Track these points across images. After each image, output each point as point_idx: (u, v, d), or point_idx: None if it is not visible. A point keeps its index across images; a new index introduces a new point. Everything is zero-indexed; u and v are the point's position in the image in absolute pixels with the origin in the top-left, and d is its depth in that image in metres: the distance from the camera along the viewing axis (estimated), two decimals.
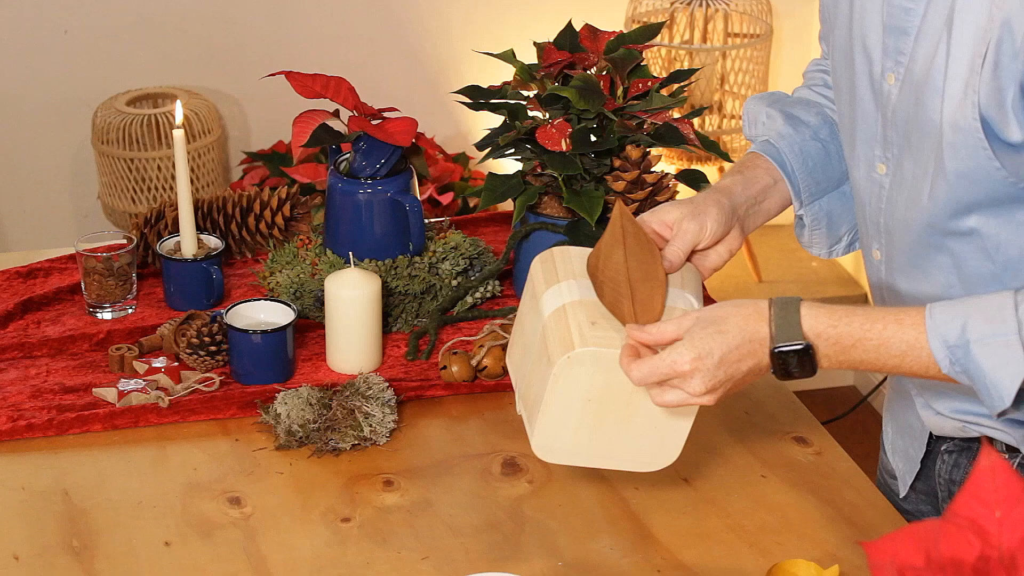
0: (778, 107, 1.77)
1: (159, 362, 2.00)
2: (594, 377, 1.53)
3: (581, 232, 2.06)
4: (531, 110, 2.11)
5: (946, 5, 1.48)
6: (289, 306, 1.98)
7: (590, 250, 1.61)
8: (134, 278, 2.12)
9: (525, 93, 2.12)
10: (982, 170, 1.50)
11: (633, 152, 2.05)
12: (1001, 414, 1.45)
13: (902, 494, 1.79)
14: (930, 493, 1.78)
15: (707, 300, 2.15)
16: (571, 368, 1.52)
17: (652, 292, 1.57)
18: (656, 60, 3.61)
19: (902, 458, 1.79)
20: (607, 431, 1.57)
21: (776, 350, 1.47)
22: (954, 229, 1.56)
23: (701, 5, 3.61)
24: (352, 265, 1.99)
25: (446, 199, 3.45)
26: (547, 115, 2.08)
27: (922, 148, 1.54)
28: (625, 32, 2.13)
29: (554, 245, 1.69)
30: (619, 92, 2.08)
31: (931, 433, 1.74)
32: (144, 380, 1.96)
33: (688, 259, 1.64)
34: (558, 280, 1.60)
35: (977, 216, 1.53)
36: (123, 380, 1.96)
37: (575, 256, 1.63)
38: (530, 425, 1.59)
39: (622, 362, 1.51)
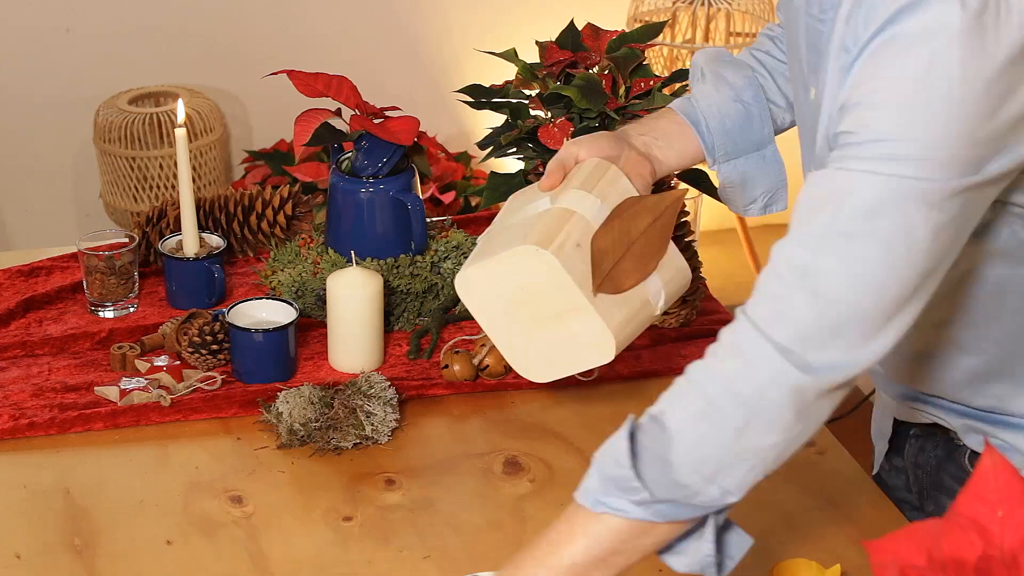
0: (711, 66, 1.81)
1: (161, 361, 2.00)
2: (540, 280, 1.58)
3: None
4: (533, 109, 2.11)
5: (832, 29, 1.49)
6: (291, 305, 1.98)
7: (633, 191, 1.67)
8: (136, 277, 2.12)
9: (527, 92, 2.12)
10: None
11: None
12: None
13: (874, 471, 1.82)
14: (904, 470, 1.81)
15: (706, 303, 2.15)
16: (532, 259, 1.58)
17: (634, 270, 1.61)
18: (658, 59, 3.61)
19: (880, 438, 1.82)
20: (538, 336, 1.62)
21: None
22: None
23: (703, 4, 3.61)
24: (354, 264, 1.99)
25: (448, 198, 3.45)
26: (549, 114, 2.08)
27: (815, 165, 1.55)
28: (627, 31, 2.13)
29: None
30: (621, 91, 2.08)
31: (895, 417, 1.77)
32: (146, 379, 1.96)
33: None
34: (592, 189, 1.65)
35: None
36: (125, 379, 1.97)
37: (620, 186, 1.67)
38: (471, 261, 1.64)
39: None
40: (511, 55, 2.14)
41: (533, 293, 1.60)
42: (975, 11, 1.30)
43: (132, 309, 2.12)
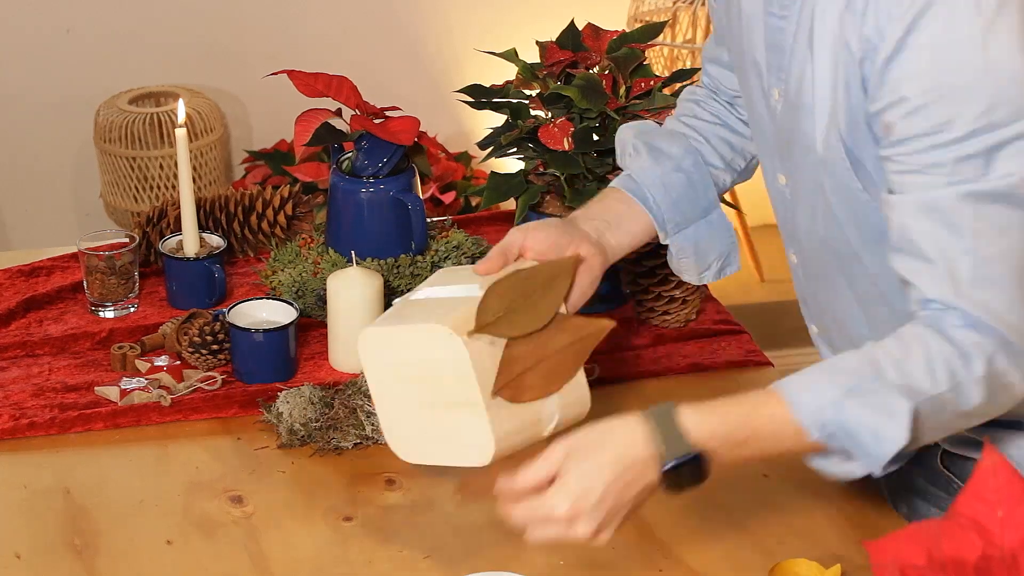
0: (643, 139, 1.79)
1: (161, 361, 2.00)
2: (444, 364, 1.54)
3: None
4: (533, 109, 2.11)
5: (806, 25, 1.50)
6: (291, 305, 1.98)
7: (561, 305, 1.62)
8: (136, 277, 2.12)
9: (527, 92, 2.12)
10: (850, 191, 1.52)
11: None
12: (887, 464, 1.43)
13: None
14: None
15: (706, 303, 2.15)
16: (442, 341, 1.54)
17: (538, 385, 1.57)
18: (658, 59, 3.61)
19: None
20: (426, 420, 1.59)
21: (667, 468, 1.42)
22: (843, 250, 1.58)
23: (703, 4, 3.61)
24: (354, 264, 1.99)
25: (448, 198, 3.45)
26: (549, 114, 2.08)
27: (806, 162, 1.56)
28: (627, 31, 2.14)
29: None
30: (621, 91, 2.08)
31: None
32: (146, 379, 1.96)
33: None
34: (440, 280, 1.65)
35: (857, 240, 1.55)
36: (125, 379, 1.96)
37: (554, 295, 1.63)
38: (380, 321, 1.62)
39: (502, 508, 1.44)
40: (511, 55, 2.14)
41: (432, 374, 1.56)
42: None
43: (132, 309, 2.12)
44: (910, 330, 1.43)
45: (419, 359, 1.57)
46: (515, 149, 2.10)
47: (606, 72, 2.09)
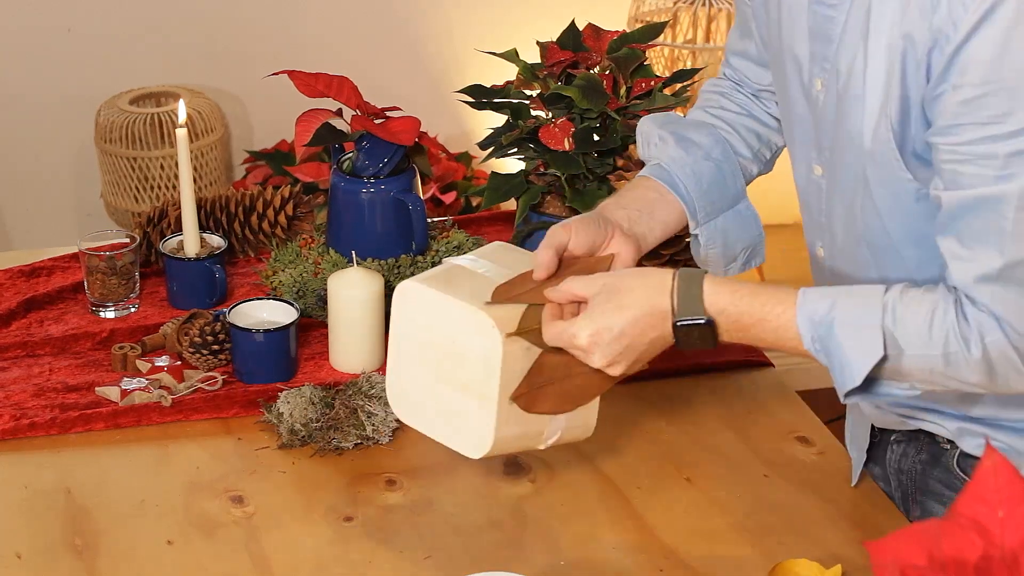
0: (670, 129, 1.78)
1: (162, 361, 2.00)
2: (475, 351, 1.54)
3: None
4: (534, 109, 2.12)
5: (862, 14, 1.50)
6: (292, 305, 1.98)
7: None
8: (137, 277, 2.12)
9: (528, 92, 2.12)
10: (898, 183, 1.52)
11: (636, 152, 2.05)
12: (848, 395, 1.49)
13: (853, 482, 1.80)
14: (885, 479, 1.81)
15: None
16: (482, 330, 1.53)
17: (553, 402, 1.58)
18: (659, 59, 3.61)
19: (855, 447, 1.81)
20: (433, 390, 1.58)
21: (678, 324, 1.51)
22: (880, 242, 1.58)
23: (704, 4, 3.61)
24: (355, 264, 1.99)
25: (449, 198, 3.45)
26: (550, 114, 2.08)
27: (849, 152, 1.56)
28: (628, 31, 2.14)
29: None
30: (622, 91, 2.08)
31: (873, 425, 1.78)
32: (147, 379, 1.96)
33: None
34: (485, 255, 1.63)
35: (899, 232, 1.56)
36: (126, 379, 1.97)
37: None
38: (425, 279, 1.60)
39: (544, 316, 1.55)
40: (512, 55, 2.15)
41: (459, 353, 1.55)
42: None
43: (133, 309, 2.12)
44: (929, 290, 1.47)
45: (452, 333, 1.55)
46: (516, 149, 2.10)
47: (607, 72, 2.09)
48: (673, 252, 2.06)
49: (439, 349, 1.56)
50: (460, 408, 1.57)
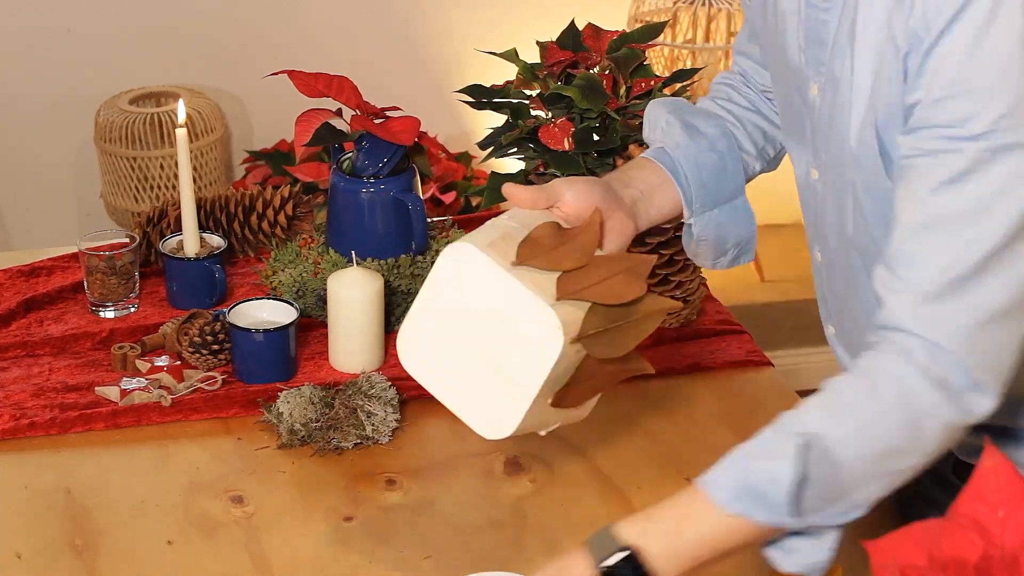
0: (678, 115, 1.77)
1: (161, 361, 2.00)
2: (529, 340, 1.46)
3: None
4: (534, 109, 2.11)
5: (849, 18, 1.49)
6: (291, 305, 1.98)
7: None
8: (136, 277, 2.12)
9: (528, 92, 2.12)
10: (880, 190, 1.51)
11: (636, 151, 2.05)
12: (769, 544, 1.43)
13: None
14: None
15: (707, 303, 2.15)
16: (544, 326, 1.46)
17: (575, 399, 1.54)
18: (659, 59, 3.61)
19: None
20: (459, 355, 1.50)
21: (600, 567, 1.39)
22: (868, 249, 1.57)
23: (704, 4, 3.61)
24: (354, 264, 1.99)
25: (449, 198, 3.44)
26: (550, 114, 2.08)
27: (840, 158, 1.55)
28: (628, 31, 2.13)
29: None
30: (622, 91, 2.08)
31: None
32: (146, 379, 1.96)
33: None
34: (515, 216, 1.56)
35: (884, 239, 1.54)
36: (125, 379, 1.97)
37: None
38: (487, 243, 1.51)
39: None
40: (512, 55, 2.14)
41: (507, 337, 1.47)
42: None
43: (133, 309, 2.12)
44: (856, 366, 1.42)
45: (506, 314, 1.46)
46: (515, 149, 2.10)
47: (606, 72, 2.09)
48: (673, 253, 2.06)
49: (482, 321, 1.47)
50: (487, 386, 1.49)
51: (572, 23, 2.13)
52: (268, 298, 2.01)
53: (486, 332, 1.48)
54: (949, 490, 1.67)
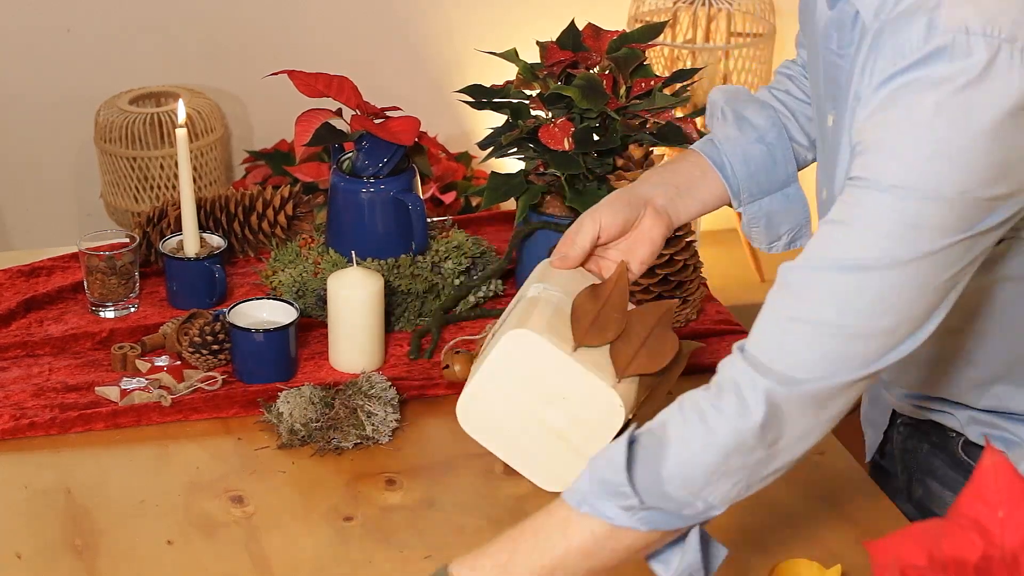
0: (732, 105, 1.79)
1: (161, 361, 2.00)
2: (527, 366, 1.54)
3: None
4: (534, 109, 2.12)
5: (854, 69, 1.50)
6: (291, 305, 1.98)
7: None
8: (136, 277, 2.12)
9: (528, 92, 2.12)
10: None
11: (636, 151, 2.05)
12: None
13: (868, 458, 1.85)
14: (891, 457, 1.84)
15: (707, 303, 2.15)
16: (516, 343, 1.53)
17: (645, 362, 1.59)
18: (659, 59, 3.61)
19: (871, 426, 1.85)
20: (521, 424, 1.57)
21: None
22: None
23: (704, 4, 3.61)
24: (354, 264, 1.99)
25: (448, 198, 3.45)
26: (550, 114, 2.08)
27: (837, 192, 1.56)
28: (628, 31, 2.14)
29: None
30: (622, 91, 2.08)
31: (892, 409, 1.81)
32: (146, 379, 1.96)
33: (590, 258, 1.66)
34: (548, 279, 1.62)
35: None
36: (125, 379, 1.97)
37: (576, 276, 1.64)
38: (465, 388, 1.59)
39: None
40: (512, 55, 2.15)
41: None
42: (983, 62, 1.30)
43: (133, 309, 2.12)
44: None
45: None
46: (515, 149, 2.10)
47: (606, 72, 2.09)
48: (673, 252, 2.06)
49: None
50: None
51: (572, 23, 2.13)
52: (268, 298, 2.01)
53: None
54: (960, 467, 1.69)
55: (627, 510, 1.39)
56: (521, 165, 2.14)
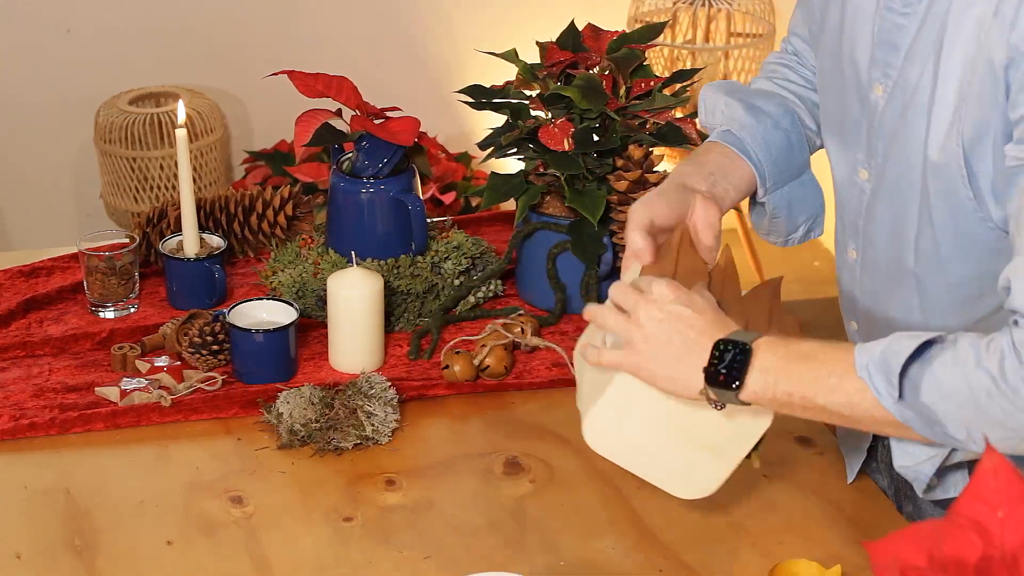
0: (737, 96, 1.78)
1: (161, 361, 2.00)
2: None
3: (583, 232, 2.06)
4: (534, 109, 2.11)
5: (936, 28, 1.49)
6: (291, 305, 1.98)
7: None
8: (136, 277, 2.12)
9: (528, 93, 2.12)
10: (958, 199, 1.51)
11: (636, 152, 2.05)
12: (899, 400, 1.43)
13: (850, 480, 1.80)
14: (880, 473, 1.83)
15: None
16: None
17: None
18: (658, 60, 3.61)
19: (852, 450, 1.81)
20: (653, 438, 1.58)
21: (718, 341, 1.47)
22: (926, 252, 1.57)
23: (704, 5, 3.61)
24: (354, 264, 1.99)
25: (448, 198, 3.45)
26: (549, 115, 2.08)
27: (905, 163, 1.55)
28: (627, 32, 2.13)
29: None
30: (621, 92, 2.08)
31: None
32: (146, 379, 1.96)
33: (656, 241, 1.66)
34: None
35: (949, 245, 1.55)
36: (125, 379, 1.96)
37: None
38: (588, 409, 1.59)
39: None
40: (512, 56, 2.14)
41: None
42: None
43: (133, 309, 2.12)
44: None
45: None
46: (515, 149, 2.10)
47: (606, 72, 2.09)
48: None
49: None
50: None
51: (572, 23, 2.13)
52: (268, 298, 2.01)
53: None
54: (946, 480, 1.68)
55: (891, 397, 1.40)
56: (521, 165, 2.14)
